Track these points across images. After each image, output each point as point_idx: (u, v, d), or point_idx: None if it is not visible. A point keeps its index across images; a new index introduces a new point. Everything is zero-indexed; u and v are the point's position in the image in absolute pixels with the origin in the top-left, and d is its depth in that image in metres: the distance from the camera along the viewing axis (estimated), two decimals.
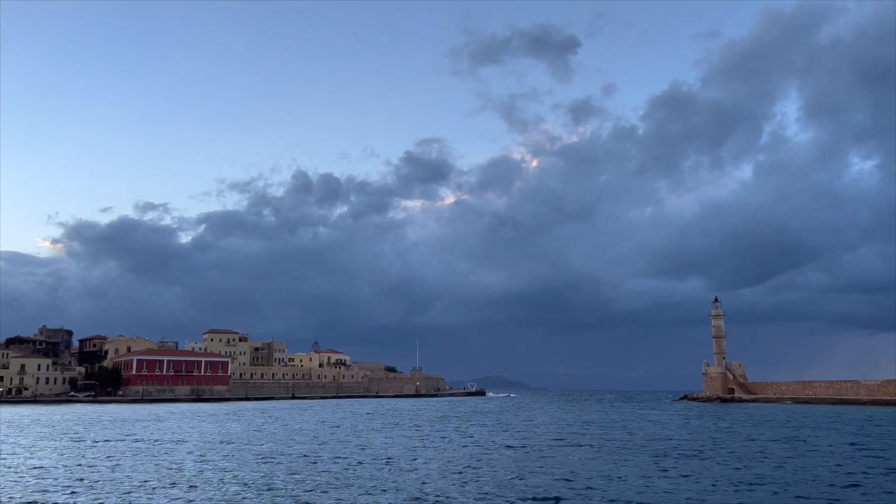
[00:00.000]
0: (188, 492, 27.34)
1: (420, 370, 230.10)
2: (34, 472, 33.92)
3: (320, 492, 27.32)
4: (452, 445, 47.41)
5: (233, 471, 33.67)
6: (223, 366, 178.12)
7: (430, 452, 42.39)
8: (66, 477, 31.98)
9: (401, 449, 44.45)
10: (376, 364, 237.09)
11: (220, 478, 31.24)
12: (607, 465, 35.61)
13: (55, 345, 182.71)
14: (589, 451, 43.22)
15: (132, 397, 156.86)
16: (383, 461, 37.69)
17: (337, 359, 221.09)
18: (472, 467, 35.11)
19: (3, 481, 30.70)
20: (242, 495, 26.46)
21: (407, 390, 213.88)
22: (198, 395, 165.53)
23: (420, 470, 34.04)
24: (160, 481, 30.18)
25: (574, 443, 48.97)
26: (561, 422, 76.76)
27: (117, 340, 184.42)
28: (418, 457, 39.84)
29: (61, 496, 26.65)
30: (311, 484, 29.34)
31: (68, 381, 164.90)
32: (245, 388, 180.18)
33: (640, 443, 48.88)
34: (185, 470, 34.08)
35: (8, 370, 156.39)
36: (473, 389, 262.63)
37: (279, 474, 32.36)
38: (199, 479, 30.69)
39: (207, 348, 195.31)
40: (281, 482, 29.82)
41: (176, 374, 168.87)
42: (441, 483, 29.74)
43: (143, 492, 27.46)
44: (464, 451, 43.65)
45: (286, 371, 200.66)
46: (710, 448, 44.96)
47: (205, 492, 27.26)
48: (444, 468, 34.76)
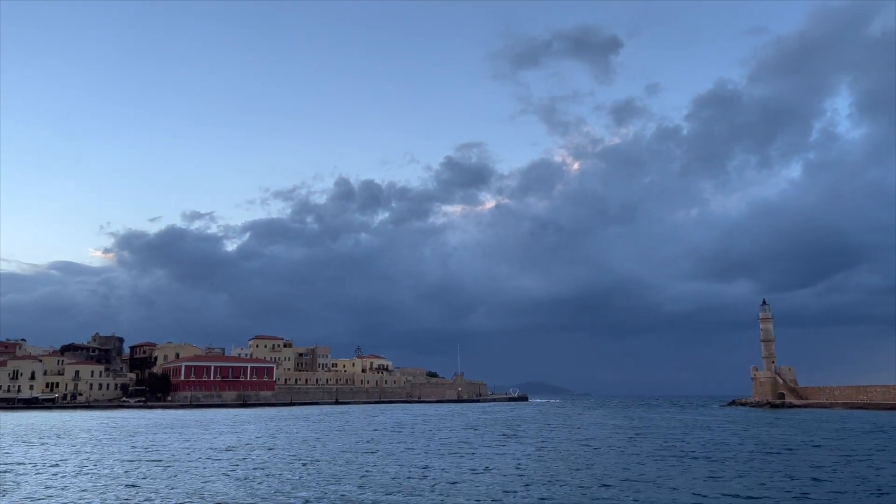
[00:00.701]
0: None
1: (461, 375, 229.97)
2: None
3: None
4: (569, 457, 43.76)
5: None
6: (268, 371, 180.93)
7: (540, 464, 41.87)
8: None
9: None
10: (418, 369, 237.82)
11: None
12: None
13: (107, 351, 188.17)
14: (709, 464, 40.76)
15: (181, 403, 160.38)
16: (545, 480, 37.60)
17: (379, 364, 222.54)
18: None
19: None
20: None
21: (449, 396, 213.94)
22: (244, 401, 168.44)
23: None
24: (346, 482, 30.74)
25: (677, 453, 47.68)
26: (626, 428, 75.68)
27: (166, 347, 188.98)
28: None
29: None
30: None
31: (120, 387, 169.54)
32: (290, 393, 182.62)
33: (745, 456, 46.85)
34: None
35: (63, 376, 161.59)
36: (516, 395, 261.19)
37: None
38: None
39: (253, 354, 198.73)
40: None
41: (223, 379, 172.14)
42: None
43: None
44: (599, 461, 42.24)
45: (330, 376, 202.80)
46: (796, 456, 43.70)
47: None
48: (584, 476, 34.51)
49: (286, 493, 28.34)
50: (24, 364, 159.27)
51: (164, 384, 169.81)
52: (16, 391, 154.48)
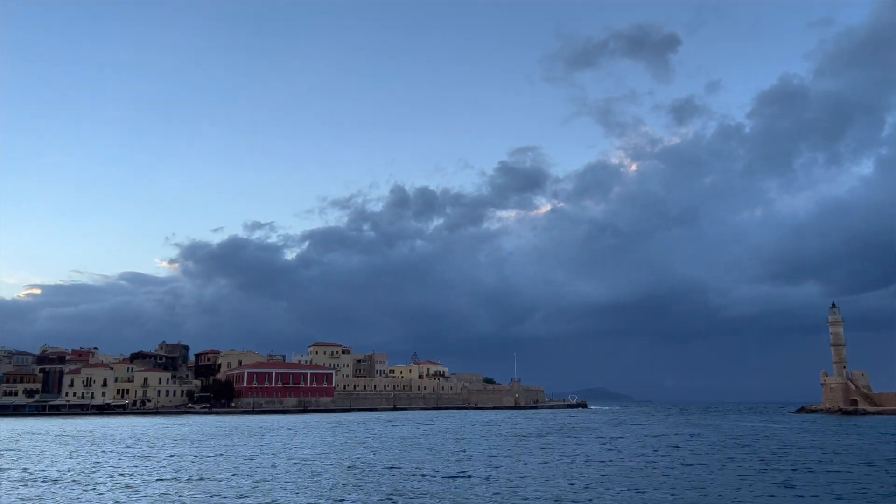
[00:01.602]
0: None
1: (518, 382, 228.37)
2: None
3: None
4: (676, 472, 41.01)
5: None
6: (328, 378, 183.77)
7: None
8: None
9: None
10: (474, 376, 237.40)
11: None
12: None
13: (174, 359, 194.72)
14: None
15: (244, 409, 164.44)
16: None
17: (436, 370, 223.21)
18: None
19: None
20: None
21: (506, 402, 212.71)
22: (304, 407, 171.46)
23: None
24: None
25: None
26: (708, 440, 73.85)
27: (229, 354, 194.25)
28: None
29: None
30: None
31: (186, 394, 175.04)
32: (349, 399, 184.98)
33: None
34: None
35: (133, 383, 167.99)
36: (574, 402, 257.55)
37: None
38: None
39: (312, 361, 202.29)
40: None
41: (284, 386, 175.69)
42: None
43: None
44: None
45: (387, 382, 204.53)
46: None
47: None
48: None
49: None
50: (96, 372, 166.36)
51: (228, 391, 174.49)
52: (89, 397, 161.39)
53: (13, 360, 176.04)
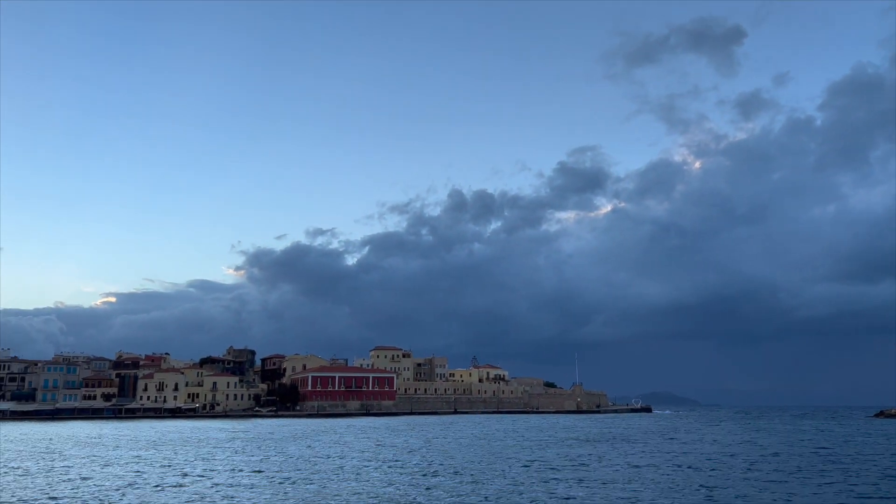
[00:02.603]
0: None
1: (580, 386, 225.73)
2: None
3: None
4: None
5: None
6: (389, 381, 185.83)
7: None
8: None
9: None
10: (535, 379, 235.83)
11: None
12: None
13: (241, 363, 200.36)
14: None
15: (309, 412, 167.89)
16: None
17: (496, 374, 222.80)
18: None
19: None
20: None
21: (567, 406, 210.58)
22: (367, 410, 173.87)
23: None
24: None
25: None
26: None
27: (294, 359, 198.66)
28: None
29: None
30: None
31: (253, 397, 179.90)
32: (410, 402, 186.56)
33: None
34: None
35: (202, 387, 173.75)
36: (638, 406, 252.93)
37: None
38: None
39: (374, 364, 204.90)
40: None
41: (346, 389, 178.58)
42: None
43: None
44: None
45: (447, 386, 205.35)
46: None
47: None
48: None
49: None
50: (168, 376, 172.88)
51: (293, 394, 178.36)
52: (162, 401, 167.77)
53: (91, 365, 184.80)
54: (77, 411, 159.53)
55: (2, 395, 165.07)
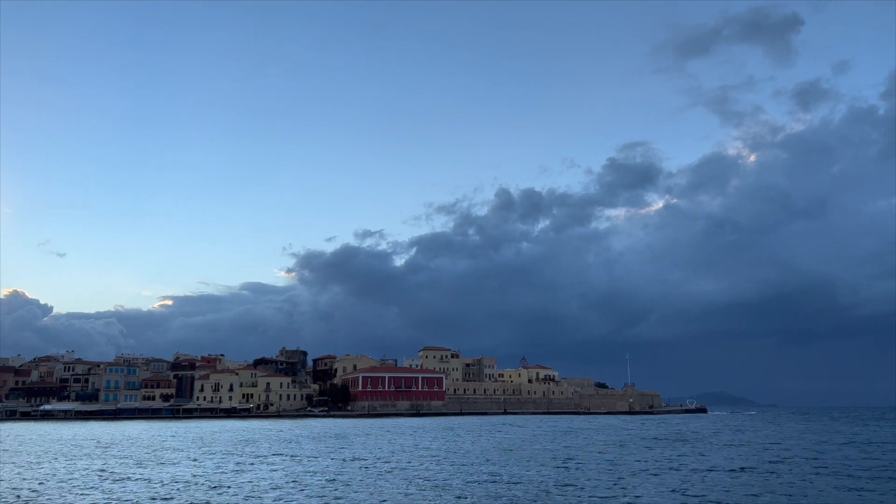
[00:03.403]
0: None
1: (632, 386, 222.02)
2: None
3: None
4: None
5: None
6: (438, 382, 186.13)
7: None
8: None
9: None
10: (585, 380, 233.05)
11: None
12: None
13: (293, 364, 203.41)
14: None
15: (359, 412, 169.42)
16: None
17: (545, 374, 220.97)
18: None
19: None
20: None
21: (619, 407, 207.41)
22: (417, 410, 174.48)
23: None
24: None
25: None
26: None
27: (344, 359, 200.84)
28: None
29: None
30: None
31: (305, 398, 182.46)
32: (459, 403, 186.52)
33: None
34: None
35: (256, 388, 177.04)
36: (693, 406, 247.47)
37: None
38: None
39: (423, 365, 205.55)
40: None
41: (396, 389, 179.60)
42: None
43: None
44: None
45: (497, 387, 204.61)
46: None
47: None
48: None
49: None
50: (223, 377, 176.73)
51: (344, 394, 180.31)
52: (218, 402, 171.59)
53: (150, 366, 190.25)
54: (137, 411, 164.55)
55: (67, 395, 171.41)
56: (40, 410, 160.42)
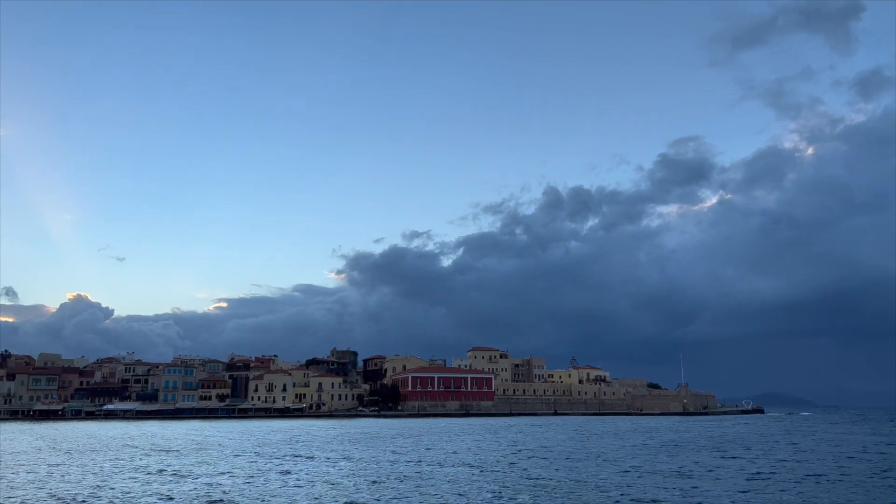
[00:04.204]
0: None
1: (686, 386, 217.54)
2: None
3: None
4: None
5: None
6: (487, 382, 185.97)
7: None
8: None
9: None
10: (638, 380, 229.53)
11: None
12: None
13: (344, 365, 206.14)
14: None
15: (409, 412, 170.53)
16: None
17: (596, 375, 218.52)
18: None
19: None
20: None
21: (673, 408, 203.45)
22: (466, 411, 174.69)
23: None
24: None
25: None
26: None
27: (394, 359, 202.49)
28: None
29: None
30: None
31: (356, 398, 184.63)
32: (509, 403, 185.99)
33: None
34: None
35: (309, 388, 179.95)
36: (749, 407, 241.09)
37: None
38: None
39: (471, 365, 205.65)
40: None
41: (445, 390, 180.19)
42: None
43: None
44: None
45: (546, 387, 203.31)
46: None
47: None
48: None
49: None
50: (277, 377, 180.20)
51: (394, 394, 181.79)
52: (271, 401, 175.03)
53: (206, 367, 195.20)
54: (194, 411, 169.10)
55: (128, 395, 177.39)
56: (103, 410, 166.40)
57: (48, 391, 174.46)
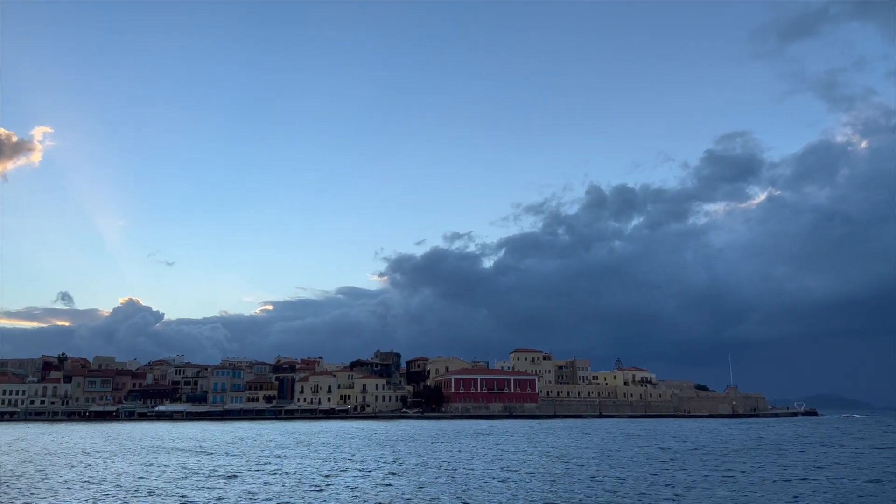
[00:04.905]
0: None
1: (735, 388, 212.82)
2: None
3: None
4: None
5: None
6: (531, 384, 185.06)
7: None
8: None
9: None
10: (685, 382, 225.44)
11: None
12: None
13: (387, 366, 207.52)
14: None
15: (453, 414, 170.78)
16: None
17: (642, 377, 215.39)
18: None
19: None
20: None
21: (721, 410, 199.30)
22: (510, 413, 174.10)
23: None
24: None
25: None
26: None
27: (437, 361, 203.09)
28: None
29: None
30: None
31: (399, 399, 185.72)
32: (553, 405, 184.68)
33: None
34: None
35: (353, 389, 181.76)
36: (802, 409, 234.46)
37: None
38: None
39: (514, 367, 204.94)
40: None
41: (488, 391, 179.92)
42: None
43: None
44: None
45: (591, 389, 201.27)
46: None
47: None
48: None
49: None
50: (322, 379, 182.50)
51: (438, 396, 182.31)
52: (317, 403, 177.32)
53: (254, 369, 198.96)
54: (242, 412, 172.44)
55: (178, 396, 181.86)
56: (155, 411, 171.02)
57: (103, 393, 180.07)
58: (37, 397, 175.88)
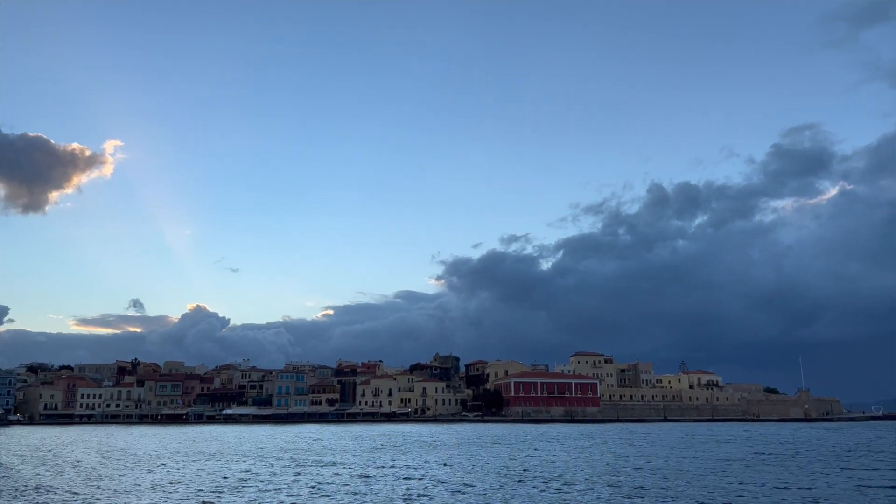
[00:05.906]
0: None
1: (807, 391, 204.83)
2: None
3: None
4: None
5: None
6: (592, 387, 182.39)
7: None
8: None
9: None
10: (753, 385, 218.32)
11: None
12: None
13: (446, 370, 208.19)
14: None
15: (513, 417, 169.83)
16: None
17: (708, 380, 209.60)
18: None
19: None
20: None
21: (793, 414, 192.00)
22: (571, 417, 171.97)
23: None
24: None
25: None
26: None
27: (496, 364, 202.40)
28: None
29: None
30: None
31: (459, 402, 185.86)
32: (615, 409, 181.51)
33: None
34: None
35: (413, 393, 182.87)
36: (880, 413, 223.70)
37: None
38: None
39: (575, 370, 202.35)
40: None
41: (549, 395, 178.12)
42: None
43: None
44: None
45: (655, 393, 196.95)
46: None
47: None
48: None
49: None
50: (382, 382, 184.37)
51: (497, 399, 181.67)
52: (378, 406, 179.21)
53: (316, 373, 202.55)
54: (306, 415, 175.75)
55: (244, 400, 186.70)
56: (223, 414, 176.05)
57: (173, 396, 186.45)
58: (112, 401, 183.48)
